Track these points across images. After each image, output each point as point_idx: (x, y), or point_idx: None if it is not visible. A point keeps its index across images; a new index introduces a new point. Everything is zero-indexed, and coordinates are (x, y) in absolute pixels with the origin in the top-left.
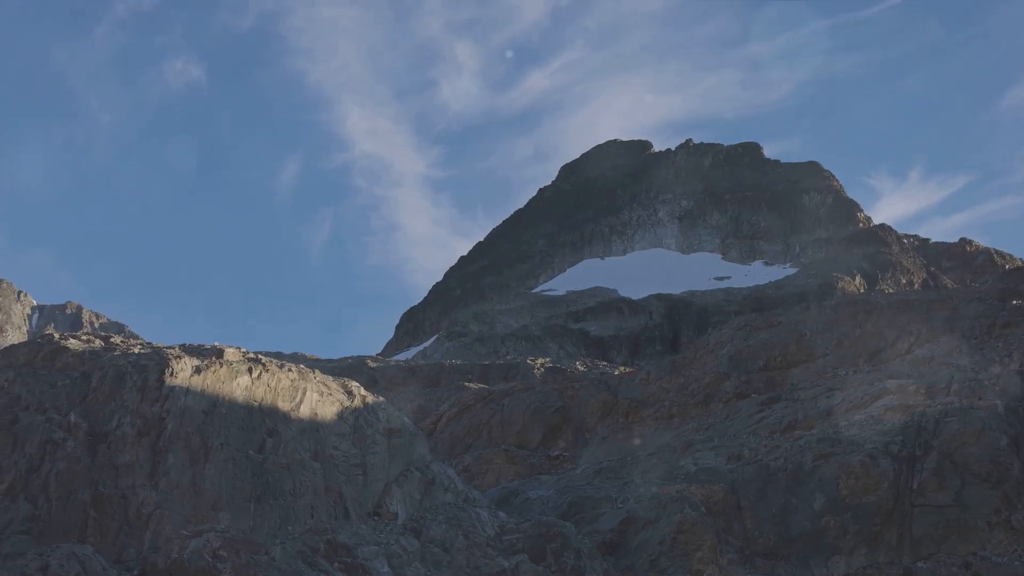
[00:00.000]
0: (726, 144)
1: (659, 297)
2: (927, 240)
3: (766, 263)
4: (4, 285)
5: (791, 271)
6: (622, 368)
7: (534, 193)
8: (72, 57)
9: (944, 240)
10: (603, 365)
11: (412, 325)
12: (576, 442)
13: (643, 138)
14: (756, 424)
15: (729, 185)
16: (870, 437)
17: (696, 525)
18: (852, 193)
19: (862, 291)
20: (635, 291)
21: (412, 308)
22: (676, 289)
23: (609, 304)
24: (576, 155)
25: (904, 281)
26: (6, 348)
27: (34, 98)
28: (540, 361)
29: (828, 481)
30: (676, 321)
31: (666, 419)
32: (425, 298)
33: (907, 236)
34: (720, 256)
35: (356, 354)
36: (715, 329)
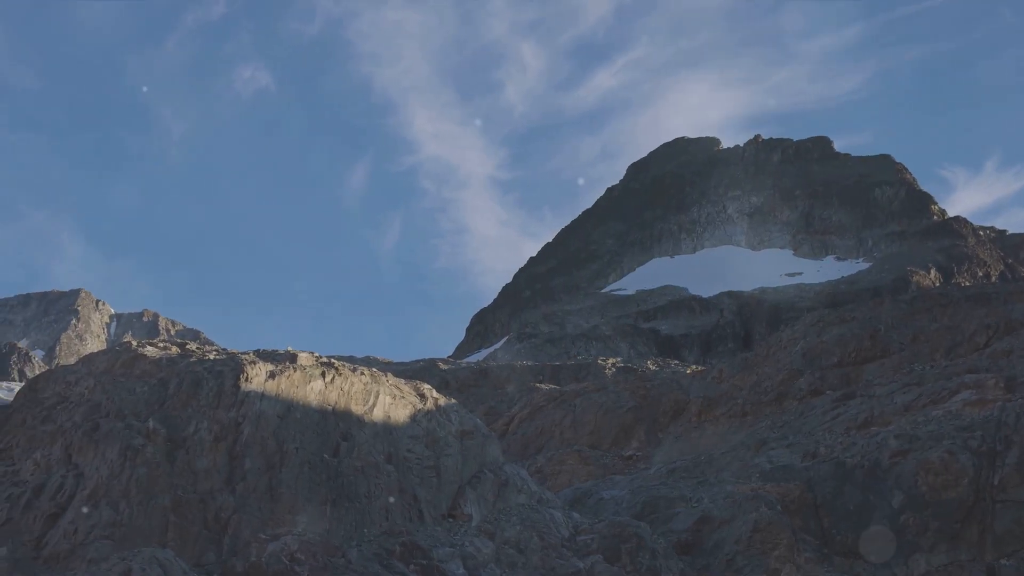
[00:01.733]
0: (795, 139)
1: (730, 294)
2: (1004, 232)
3: (838, 258)
4: (83, 295)
5: (864, 266)
6: (694, 367)
7: (602, 192)
8: (145, 69)
9: (1022, 231)
10: (675, 364)
11: (482, 327)
12: (649, 442)
13: (711, 135)
14: (831, 421)
15: (799, 180)
16: (949, 433)
17: (772, 524)
18: (925, 185)
19: (937, 285)
20: (705, 289)
21: (482, 310)
22: (747, 286)
23: (680, 303)
24: (643, 153)
25: (981, 273)
26: (86, 356)
27: (110, 110)
28: (611, 361)
29: (906, 478)
30: (747, 318)
31: (739, 417)
32: (495, 300)
33: (983, 228)
34: (791, 252)
35: (427, 356)
36: (787, 326)
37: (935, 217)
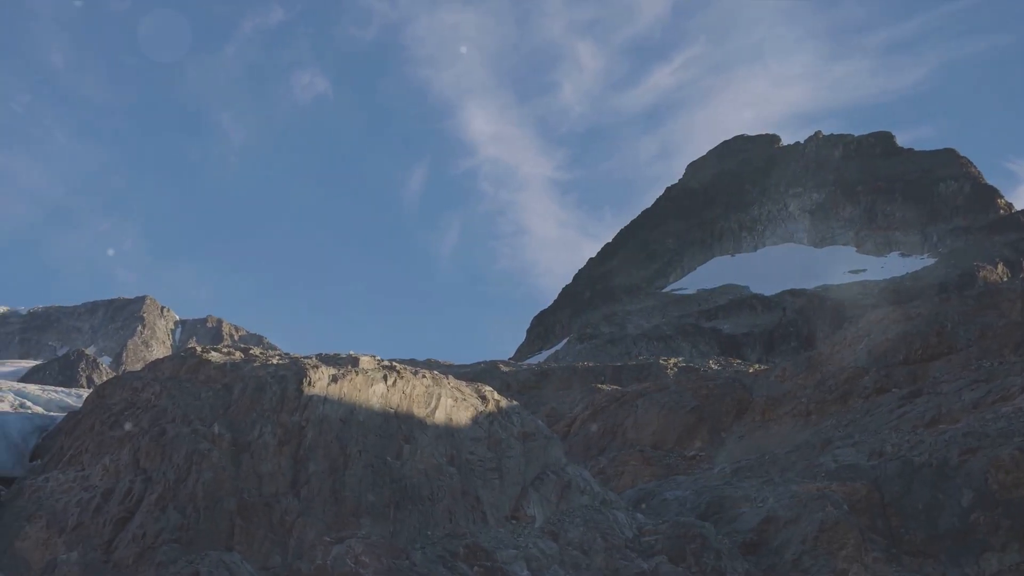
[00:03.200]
0: (857, 134)
1: (792, 292)
2: None
3: (902, 254)
4: (148, 301)
5: (929, 262)
6: (756, 366)
7: (661, 192)
8: (204, 76)
9: None
10: (737, 363)
11: (543, 328)
12: (712, 441)
13: (770, 131)
14: (898, 419)
15: (861, 176)
16: (1019, 429)
17: (839, 523)
18: (991, 179)
19: (1005, 279)
20: (767, 287)
21: (542, 311)
22: (809, 284)
23: (741, 301)
24: (702, 152)
25: None
26: (152, 362)
27: (170, 117)
28: (673, 361)
29: (976, 476)
30: (810, 316)
31: (804, 416)
32: (555, 301)
33: None
34: (854, 249)
35: (488, 359)
36: (851, 323)
37: (1001, 211)
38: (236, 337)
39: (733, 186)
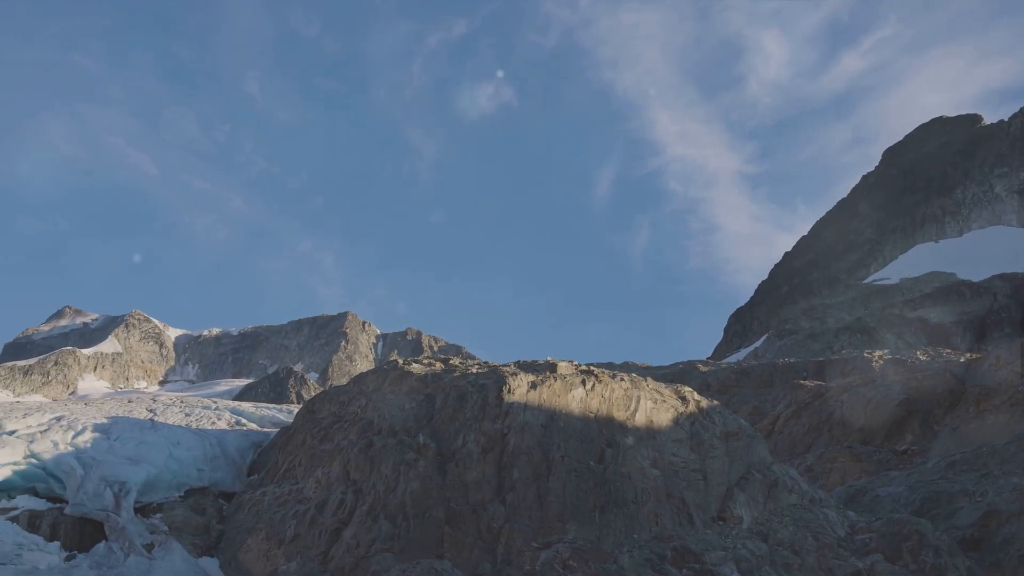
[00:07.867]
0: None
1: (1003, 277)
2: None
3: None
4: (350, 317)
5: None
6: (968, 354)
7: (856, 180)
8: (392, 93)
9: None
10: (947, 353)
11: (740, 326)
12: (924, 435)
13: (971, 111)
14: None
15: None
16: None
17: None
18: None
19: None
20: (976, 273)
21: (739, 309)
22: (1022, 267)
23: (948, 289)
24: (899, 137)
25: None
26: (357, 376)
27: (361, 135)
28: (878, 353)
29: None
30: None
31: (1022, 405)
32: (751, 298)
33: None
34: None
35: (686, 359)
36: None
37: None
38: (435, 348)
39: (934, 170)
